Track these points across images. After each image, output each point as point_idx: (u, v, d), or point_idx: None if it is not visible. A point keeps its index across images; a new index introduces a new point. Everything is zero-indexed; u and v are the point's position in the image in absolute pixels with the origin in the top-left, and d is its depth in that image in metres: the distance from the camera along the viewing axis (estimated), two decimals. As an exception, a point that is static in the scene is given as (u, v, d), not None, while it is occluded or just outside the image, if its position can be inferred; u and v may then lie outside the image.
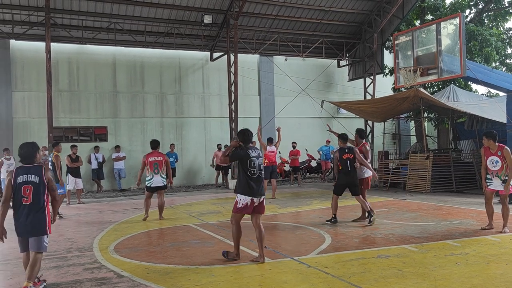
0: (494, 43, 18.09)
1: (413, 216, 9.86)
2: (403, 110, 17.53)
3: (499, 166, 7.84)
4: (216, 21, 18.28)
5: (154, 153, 10.27)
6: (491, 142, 7.90)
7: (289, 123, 20.70)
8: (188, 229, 9.04)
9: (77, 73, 17.85)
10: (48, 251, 7.31)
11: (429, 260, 6.20)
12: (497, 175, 7.90)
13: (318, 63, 21.44)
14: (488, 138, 7.93)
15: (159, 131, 18.97)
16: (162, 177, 10.22)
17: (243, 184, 6.40)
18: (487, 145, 7.97)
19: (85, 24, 16.90)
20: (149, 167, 10.11)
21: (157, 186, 10.21)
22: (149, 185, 10.19)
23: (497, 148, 7.85)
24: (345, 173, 9.20)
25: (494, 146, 7.89)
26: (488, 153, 8.00)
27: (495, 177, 7.94)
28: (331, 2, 18.89)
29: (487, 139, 7.93)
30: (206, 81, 19.97)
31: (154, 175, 10.12)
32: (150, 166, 10.09)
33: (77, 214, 11.86)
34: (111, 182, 18.00)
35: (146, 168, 10.19)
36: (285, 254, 6.68)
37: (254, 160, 6.44)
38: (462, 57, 9.47)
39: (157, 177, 10.14)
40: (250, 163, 6.40)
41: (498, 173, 7.88)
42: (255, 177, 6.40)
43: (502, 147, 7.85)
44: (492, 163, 7.92)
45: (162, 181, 10.24)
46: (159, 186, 10.23)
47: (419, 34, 10.59)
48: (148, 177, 10.20)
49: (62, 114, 17.27)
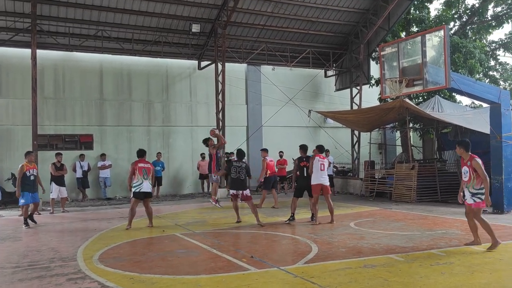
0: (477, 55, 18.40)
1: (399, 226, 9.93)
2: (389, 120, 17.71)
3: (467, 177, 7.52)
4: (204, 30, 18.31)
5: (142, 160, 10.41)
6: (462, 151, 7.64)
7: (277, 132, 20.75)
8: (174, 239, 8.96)
9: (63, 80, 17.69)
10: (30, 261, 7.21)
11: (414, 269, 6.23)
12: (466, 187, 7.59)
13: (305, 73, 21.58)
14: (460, 146, 7.68)
15: (145, 139, 18.85)
16: (150, 184, 10.31)
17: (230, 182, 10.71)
18: (459, 153, 7.83)
19: (72, 31, 16.78)
20: (138, 173, 10.13)
21: (146, 192, 10.19)
22: (139, 190, 10.13)
23: (468, 158, 7.54)
24: (302, 178, 10.71)
25: (466, 155, 7.60)
26: (462, 163, 7.75)
27: (465, 188, 7.62)
28: (318, 12, 19.07)
29: (459, 147, 7.68)
30: (194, 90, 19.94)
31: (144, 180, 10.16)
32: (139, 172, 10.13)
33: (60, 223, 11.69)
34: (96, 190, 17.78)
35: (135, 175, 10.17)
36: (272, 264, 6.66)
37: (235, 167, 10.46)
38: (447, 69, 9.58)
39: (146, 182, 10.18)
40: (232, 169, 10.41)
41: (466, 184, 7.57)
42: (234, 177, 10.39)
43: (472, 157, 7.49)
44: (463, 173, 7.62)
45: (151, 187, 10.33)
46: (148, 192, 10.23)
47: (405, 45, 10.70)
48: (137, 182, 10.15)
49: (47, 122, 17.07)
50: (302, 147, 11.08)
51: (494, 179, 11.61)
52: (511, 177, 11.66)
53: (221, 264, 6.74)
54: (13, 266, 6.93)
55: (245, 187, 10.59)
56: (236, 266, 6.57)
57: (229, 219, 11.46)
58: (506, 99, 11.56)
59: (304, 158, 10.81)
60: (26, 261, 7.27)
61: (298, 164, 10.84)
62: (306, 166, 10.64)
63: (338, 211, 12.35)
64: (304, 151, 10.98)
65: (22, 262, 7.20)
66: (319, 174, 10.46)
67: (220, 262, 6.90)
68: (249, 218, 11.52)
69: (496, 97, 11.39)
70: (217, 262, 6.88)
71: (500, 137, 11.39)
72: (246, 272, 6.28)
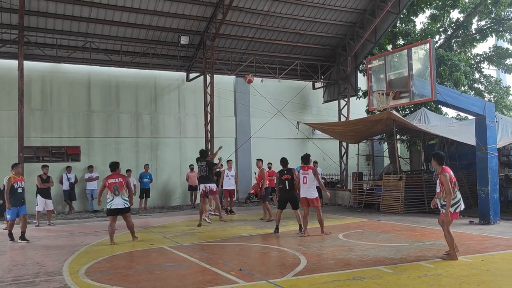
0: (462, 68, 18.67)
1: (387, 237, 9.96)
2: (377, 132, 17.85)
3: (438, 189, 7.68)
4: (192, 42, 18.38)
5: (114, 175, 10.03)
6: (435, 163, 7.79)
7: (265, 144, 20.78)
8: (162, 252, 8.88)
9: (50, 92, 17.57)
10: (15, 275, 7.08)
11: (403, 281, 6.25)
12: (438, 198, 7.76)
13: (294, 85, 21.72)
14: (434, 159, 7.82)
15: (134, 151, 18.74)
16: (123, 199, 9.93)
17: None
18: (433, 165, 7.98)
19: (59, 43, 16.71)
20: (108, 189, 9.87)
21: (118, 208, 9.87)
22: (110, 207, 9.87)
23: (440, 171, 7.66)
24: (284, 191, 10.87)
25: (439, 168, 7.73)
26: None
27: (437, 199, 7.80)
28: (307, 25, 19.27)
29: (433, 159, 7.83)
30: (182, 102, 19.93)
31: (115, 196, 9.84)
32: (109, 188, 9.84)
33: (46, 236, 11.52)
34: (83, 203, 17.58)
35: (107, 191, 9.98)
36: (261, 277, 6.63)
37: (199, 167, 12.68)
38: (433, 81, 9.70)
39: (117, 199, 9.84)
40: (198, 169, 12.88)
41: (438, 195, 7.75)
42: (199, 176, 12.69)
43: (442, 171, 7.58)
44: (437, 185, 7.77)
45: (123, 203, 9.94)
46: (120, 208, 9.88)
47: (391, 58, 10.83)
48: (109, 198, 9.94)
49: (33, 133, 16.90)
50: (282, 161, 11.23)
51: (480, 190, 11.73)
52: (496, 188, 11.80)
53: (209, 278, 6.69)
54: (-3, 281, 6.80)
55: (208, 182, 12.37)
56: (225, 279, 6.52)
57: (217, 231, 11.40)
58: (491, 111, 11.74)
59: (285, 171, 10.94)
60: (11, 275, 7.14)
61: (280, 177, 11.02)
62: (288, 179, 10.78)
63: (327, 222, 12.34)
64: (284, 164, 11.11)
65: (7, 276, 7.07)
66: (303, 187, 10.53)
67: (209, 275, 6.85)
68: (237, 231, 11.48)
69: (481, 109, 11.55)
70: (206, 276, 6.82)
71: (485, 148, 11.53)
72: (235, 285, 6.23)
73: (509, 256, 7.80)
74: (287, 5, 17.92)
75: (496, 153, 11.90)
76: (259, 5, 17.61)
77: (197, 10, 17.21)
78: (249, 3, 17.43)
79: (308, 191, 10.47)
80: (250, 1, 17.34)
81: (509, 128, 14.12)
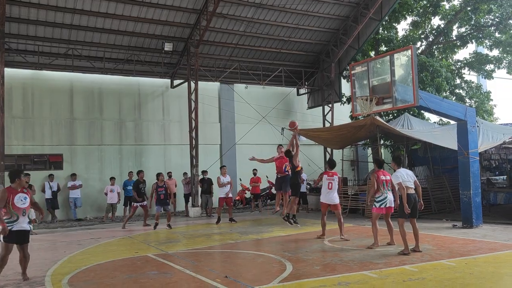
0: (444, 74, 18.97)
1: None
2: (361, 137, 17.97)
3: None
4: (176, 49, 18.33)
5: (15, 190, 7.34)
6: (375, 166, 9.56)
7: (250, 150, 20.73)
8: (146, 260, 8.79)
9: (32, 99, 17.33)
10: (-5, 287, 6.93)
11: (388, 286, 6.28)
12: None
13: (278, 91, 21.79)
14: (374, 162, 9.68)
15: (117, 158, 18.56)
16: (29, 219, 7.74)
17: None
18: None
19: (41, 50, 16.53)
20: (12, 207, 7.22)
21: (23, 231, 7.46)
22: (11, 229, 7.22)
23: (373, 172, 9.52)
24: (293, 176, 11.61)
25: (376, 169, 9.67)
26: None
27: None
28: (290, 32, 19.38)
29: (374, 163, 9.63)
30: (166, 108, 19.84)
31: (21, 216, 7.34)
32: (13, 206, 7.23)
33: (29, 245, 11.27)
34: (66, 211, 17.33)
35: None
36: (246, 284, 6.60)
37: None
38: (415, 87, 9.82)
39: (24, 218, 7.42)
40: None
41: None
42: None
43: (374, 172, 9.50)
44: None
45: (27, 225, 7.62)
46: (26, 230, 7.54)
47: (374, 64, 10.93)
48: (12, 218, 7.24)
49: (15, 141, 16.64)
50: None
51: (463, 194, 11.87)
52: (478, 192, 11.95)
53: (194, 285, 6.64)
54: (-23, 292, 6.64)
55: None
56: (210, 287, 6.47)
57: (203, 238, 11.33)
58: (472, 116, 11.92)
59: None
60: (-9, 287, 6.99)
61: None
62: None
63: (312, 228, 12.40)
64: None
65: (-13, 288, 6.92)
66: (328, 192, 10.75)
67: (194, 283, 6.80)
68: (223, 237, 11.42)
69: (462, 114, 11.73)
70: (191, 283, 6.77)
71: (467, 153, 11.70)
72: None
73: (491, 259, 7.90)
74: (271, 12, 18.01)
75: (477, 157, 12.07)
76: (243, 12, 17.67)
77: (181, 17, 17.18)
78: (233, 10, 17.46)
79: (332, 196, 10.73)
80: (234, 8, 17.38)
81: (489, 133, 14.33)
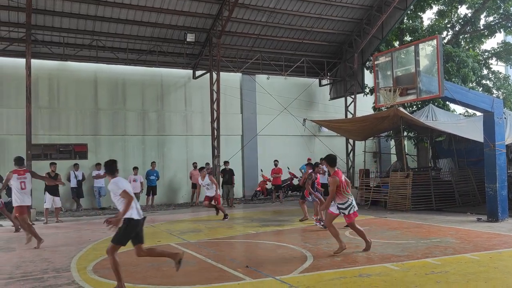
0: (470, 64, 18.51)
1: (394, 235, 9.92)
2: (384, 129, 17.77)
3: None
4: (199, 40, 18.38)
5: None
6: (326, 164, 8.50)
7: (271, 141, 20.76)
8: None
9: (57, 90, 17.66)
10: (24, 272, 7.15)
11: (410, 278, 6.22)
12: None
13: (300, 82, 21.66)
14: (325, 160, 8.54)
15: (140, 148, 18.81)
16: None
17: None
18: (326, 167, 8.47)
19: (66, 41, 16.79)
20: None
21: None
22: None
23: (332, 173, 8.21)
24: None
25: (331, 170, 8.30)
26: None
27: None
28: (313, 22, 19.20)
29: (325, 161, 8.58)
30: (189, 99, 19.96)
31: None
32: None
33: (54, 233, 11.60)
34: (91, 200, 17.68)
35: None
36: (267, 274, 6.63)
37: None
38: (440, 78, 9.63)
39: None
40: None
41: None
42: None
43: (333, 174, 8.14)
44: None
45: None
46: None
47: (398, 55, 10.77)
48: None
49: (41, 131, 17.01)
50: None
51: (488, 188, 11.64)
52: (505, 185, 11.70)
53: (216, 274, 6.71)
54: (6, 277, 6.86)
55: None
56: (231, 276, 6.54)
57: (224, 229, 11.42)
58: (499, 108, 11.63)
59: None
60: (19, 272, 7.20)
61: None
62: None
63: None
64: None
65: (15, 273, 7.13)
66: None
67: (215, 272, 6.87)
68: (244, 228, 11.49)
69: (489, 105, 11.46)
70: (212, 272, 6.84)
71: (493, 145, 11.44)
72: (241, 282, 6.25)
73: (517, 253, 7.74)
74: (293, 2, 17.85)
75: (504, 150, 11.80)
76: (265, 2, 17.56)
77: (203, 8, 17.20)
78: (255, 0, 17.38)
79: None
80: (256, -2, 17.30)
81: (517, 125, 13.99)
